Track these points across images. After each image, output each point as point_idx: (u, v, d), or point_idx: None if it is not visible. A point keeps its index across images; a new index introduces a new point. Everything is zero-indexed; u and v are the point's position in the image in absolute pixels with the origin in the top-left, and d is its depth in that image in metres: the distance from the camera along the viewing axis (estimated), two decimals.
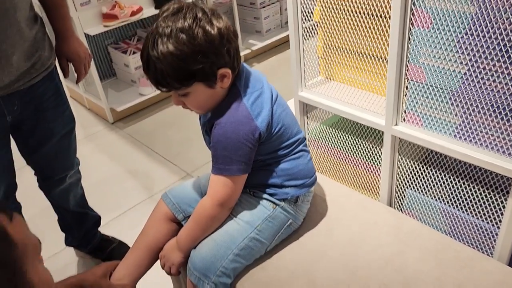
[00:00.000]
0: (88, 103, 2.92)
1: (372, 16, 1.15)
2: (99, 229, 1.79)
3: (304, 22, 1.30)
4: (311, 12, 1.29)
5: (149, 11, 2.71)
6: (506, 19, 0.87)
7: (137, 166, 2.37)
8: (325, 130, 1.45)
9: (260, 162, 1.09)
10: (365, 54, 1.24)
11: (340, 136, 1.41)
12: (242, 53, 3.27)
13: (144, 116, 2.82)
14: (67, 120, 1.42)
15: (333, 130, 1.42)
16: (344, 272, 1.07)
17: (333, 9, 1.23)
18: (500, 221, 1.09)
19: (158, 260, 1.18)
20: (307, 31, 1.32)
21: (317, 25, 1.34)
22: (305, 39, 1.34)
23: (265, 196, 1.13)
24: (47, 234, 1.76)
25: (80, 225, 1.69)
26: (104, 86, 2.84)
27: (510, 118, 0.95)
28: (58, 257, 1.81)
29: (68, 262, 1.79)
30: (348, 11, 1.21)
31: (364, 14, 1.17)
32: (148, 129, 2.68)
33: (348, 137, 1.38)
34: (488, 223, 1.13)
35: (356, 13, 1.19)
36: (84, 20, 2.49)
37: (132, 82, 2.90)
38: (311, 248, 1.14)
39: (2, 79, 1.14)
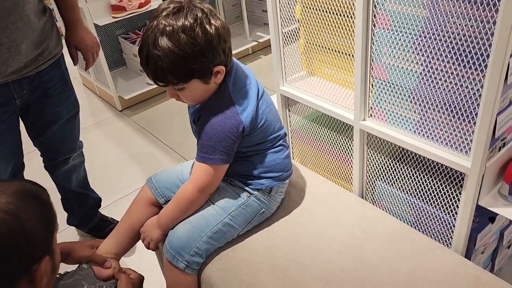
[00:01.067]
0: (99, 90, 3.05)
1: (345, 16, 1.21)
2: (100, 210, 1.91)
3: (283, 26, 1.37)
4: (293, 10, 1.36)
5: (157, 3, 2.80)
6: (453, 23, 0.93)
7: (141, 153, 2.49)
8: (307, 124, 1.53)
9: (241, 153, 1.17)
10: (340, 51, 1.30)
11: (320, 130, 1.48)
12: (249, 45, 3.35)
13: (151, 104, 2.93)
14: (71, 105, 1.53)
15: (314, 124, 1.49)
16: (306, 256, 1.15)
17: (311, 8, 1.30)
18: (456, 212, 1.15)
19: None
20: (289, 34, 1.39)
21: (299, 22, 1.40)
22: (285, 38, 1.40)
23: (241, 185, 1.21)
24: None
25: (81, 205, 1.82)
26: (114, 75, 2.97)
27: (460, 116, 1.01)
28: (60, 235, 1.92)
29: (69, 240, 1.92)
30: (324, 10, 1.27)
31: (338, 13, 1.23)
32: (153, 118, 2.80)
33: (328, 132, 1.45)
34: (447, 214, 1.19)
35: (331, 12, 1.25)
36: (94, 11, 2.60)
37: (140, 72, 3.01)
38: (279, 233, 1.23)
39: (12, 65, 1.26)
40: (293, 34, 1.41)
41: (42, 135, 1.52)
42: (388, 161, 1.28)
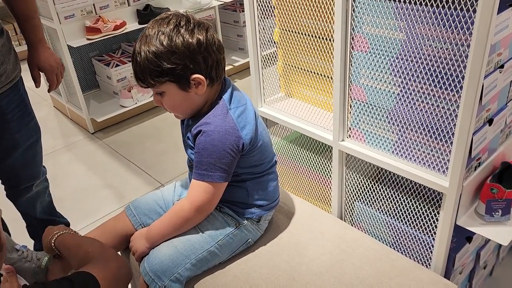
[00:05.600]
0: (70, 113, 2.98)
1: (322, 38, 1.23)
2: None
3: (262, 49, 1.38)
4: (271, 31, 1.38)
5: (133, 25, 2.79)
6: (429, 46, 0.96)
7: (113, 176, 2.42)
8: (285, 145, 1.53)
9: (236, 176, 1.14)
10: (318, 73, 1.32)
11: (299, 152, 1.48)
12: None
13: (124, 127, 2.88)
14: (32, 131, 1.45)
15: (293, 146, 1.50)
16: (285, 278, 1.13)
17: (289, 30, 1.32)
18: (435, 232, 1.16)
19: None
20: (268, 57, 1.41)
21: (277, 45, 1.42)
22: (264, 61, 1.42)
23: (231, 213, 1.19)
24: (16, 241, 1.80)
25: None
26: (86, 97, 2.92)
27: (437, 136, 1.03)
28: None
29: None
30: (302, 33, 1.29)
31: (316, 36, 1.25)
32: (127, 140, 2.74)
33: (307, 153, 1.46)
34: (425, 234, 1.20)
35: (309, 35, 1.27)
36: (68, 33, 2.56)
37: (114, 94, 2.97)
38: (258, 256, 1.20)
39: None
40: (272, 57, 1.43)
41: (1, 163, 1.43)
42: (367, 181, 1.28)
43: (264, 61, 1.44)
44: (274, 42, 1.42)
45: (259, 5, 1.33)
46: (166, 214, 1.15)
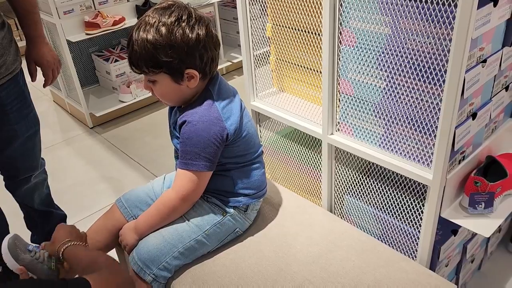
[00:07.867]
0: (70, 107, 3.01)
1: (312, 33, 1.25)
2: None
3: (255, 44, 1.40)
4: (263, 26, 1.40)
5: (132, 21, 2.81)
6: (413, 41, 0.98)
7: (111, 170, 2.45)
8: (277, 139, 1.55)
9: (220, 165, 1.17)
10: (308, 68, 1.34)
11: (290, 146, 1.50)
12: (223, 65, 3.38)
13: (123, 122, 2.91)
14: (31, 122, 1.47)
15: (285, 140, 1.52)
16: (273, 268, 1.15)
17: (281, 25, 1.34)
18: (420, 225, 1.18)
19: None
20: (261, 56, 1.43)
21: (269, 39, 1.44)
22: (257, 57, 1.44)
23: (217, 202, 1.21)
24: (13, 232, 1.83)
25: (45, 223, 1.76)
26: (86, 92, 2.95)
27: (421, 129, 1.05)
28: None
29: None
30: (293, 28, 1.31)
31: (306, 31, 1.27)
32: (125, 135, 2.77)
33: (298, 147, 1.48)
34: (411, 227, 1.22)
35: (299, 30, 1.29)
36: (67, 28, 2.59)
37: (113, 89, 2.99)
38: (246, 246, 1.23)
39: None
40: (265, 56, 1.45)
41: (1, 153, 1.45)
42: (356, 175, 1.30)
43: (259, 59, 1.46)
44: (268, 38, 1.44)
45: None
46: (153, 205, 1.18)
